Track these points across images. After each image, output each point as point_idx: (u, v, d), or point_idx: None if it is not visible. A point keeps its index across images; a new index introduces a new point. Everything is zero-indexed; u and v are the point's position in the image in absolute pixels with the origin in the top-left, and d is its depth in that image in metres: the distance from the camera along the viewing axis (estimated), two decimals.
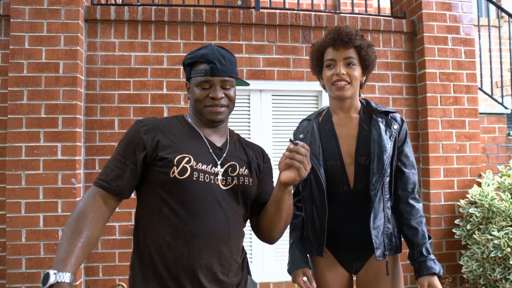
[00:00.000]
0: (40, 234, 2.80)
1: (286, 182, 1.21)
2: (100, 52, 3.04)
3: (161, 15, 3.08)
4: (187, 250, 1.20)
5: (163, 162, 1.22)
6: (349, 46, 1.56)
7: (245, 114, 3.25)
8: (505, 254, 2.62)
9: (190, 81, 1.34)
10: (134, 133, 1.26)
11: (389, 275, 1.59)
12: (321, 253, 1.62)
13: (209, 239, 1.21)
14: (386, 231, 1.60)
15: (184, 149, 1.25)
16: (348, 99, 1.63)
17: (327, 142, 1.66)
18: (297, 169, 1.18)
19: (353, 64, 1.57)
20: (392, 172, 1.63)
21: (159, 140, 1.25)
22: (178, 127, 1.33)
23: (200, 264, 1.20)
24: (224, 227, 1.25)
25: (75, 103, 2.86)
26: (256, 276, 3.17)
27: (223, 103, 1.31)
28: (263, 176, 1.44)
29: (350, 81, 1.57)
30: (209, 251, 1.22)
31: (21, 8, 2.85)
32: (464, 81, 3.31)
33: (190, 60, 1.33)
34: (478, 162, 3.29)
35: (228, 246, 1.26)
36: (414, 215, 1.62)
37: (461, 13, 3.35)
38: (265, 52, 3.21)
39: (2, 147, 2.88)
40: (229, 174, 1.30)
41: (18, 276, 2.76)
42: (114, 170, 1.24)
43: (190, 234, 1.20)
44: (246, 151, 1.42)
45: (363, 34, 1.62)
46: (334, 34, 1.59)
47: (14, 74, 2.83)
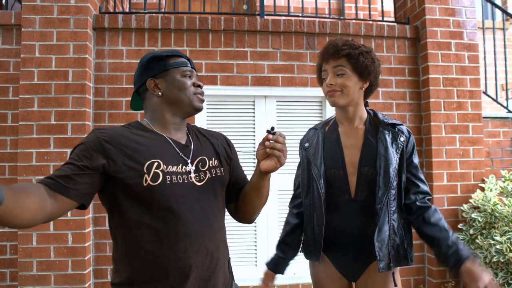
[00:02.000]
0: (50, 238, 2.87)
1: (267, 170, 1.25)
2: (108, 60, 3.11)
3: (167, 23, 3.14)
4: (173, 254, 1.19)
5: (132, 172, 1.18)
6: (337, 57, 1.61)
7: (250, 119, 3.31)
8: (507, 259, 2.64)
9: (167, 74, 1.32)
10: (93, 140, 1.19)
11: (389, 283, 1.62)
12: (318, 259, 1.67)
13: (193, 237, 1.21)
14: (391, 243, 1.60)
15: (151, 154, 1.22)
16: (349, 107, 1.66)
17: (332, 150, 1.69)
18: (277, 157, 1.23)
19: (343, 73, 1.60)
20: (401, 183, 1.64)
21: (123, 149, 1.20)
22: (138, 133, 1.28)
23: (189, 265, 1.20)
24: (206, 223, 1.25)
25: (84, 110, 2.93)
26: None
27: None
28: (233, 162, 1.46)
29: (340, 89, 1.61)
30: (195, 250, 1.21)
31: (31, 18, 2.93)
32: (468, 86, 3.33)
33: (168, 53, 1.34)
34: (482, 167, 3.31)
35: (213, 241, 1.27)
36: (434, 215, 1.61)
37: (464, 18, 3.37)
38: (270, 58, 3.26)
39: (14, 152, 2.97)
40: (201, 169, 1.31)
41: (30, 278, 2.84)
42: (65, 171, 1.13)
43: (174, 237, 1.19)
44: (210, 141, 1.43)
45: (357, 44, 1.64)
46: (323, 50, 1.66)
47: (25, 82, 2.91)
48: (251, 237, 3.30)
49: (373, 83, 1.67)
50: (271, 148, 1.22)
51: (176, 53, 1.34)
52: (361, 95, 1.67)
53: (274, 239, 3.29)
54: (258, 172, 1.29)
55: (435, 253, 1.60)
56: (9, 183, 2.96)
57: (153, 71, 1.32)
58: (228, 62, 3.22)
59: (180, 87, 1.31)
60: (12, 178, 2.97)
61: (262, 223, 3.28)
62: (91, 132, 1.23)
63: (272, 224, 3.29)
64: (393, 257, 1.61)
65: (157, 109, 1.33)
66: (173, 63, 1.32)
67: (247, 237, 3.29)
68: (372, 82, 1.67)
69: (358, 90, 1.64)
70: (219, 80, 3.20)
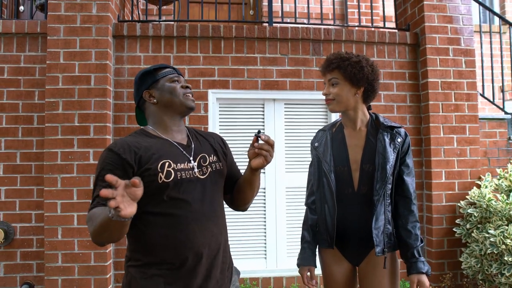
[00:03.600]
0: (74, 232, 3.08)
1: (257, 167, 1.46)
2: (127, 65, 3.33)
3: (182, 30, 3.35)
4: (184, 236, 1.37)
5: (148, 172, 1.35)
6: (330, 69, 1.86)
7: (260, 121, 3.51)
8: (500, 251, 2.83)
9: (157, 83, 1.51)
10: (115, 158, 1.36)
11: (387, 268, 1.83)
12: (332, 246, 1.89)
13: (200, 222, 1.41)
14: (386, 231, 1.85)
15: (161, 156, 1.41)
16: (348, 111, 1.89)
17: (338, 150, 1.92)
18: (264, 157, 1.44)
19: (335, 83, 1.85)
20: (394, 180, 1.87)
21: (140, 156, 1.38)
22: (146, 139, 1.47)
23: (200, 246, 1.39)
24: (210, 209, 1.46)
25: (105, 113, 3.14)
26: (270, 271, 3.44)
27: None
28: (228, 158, 1.69)
29: (333, 98, 1.85)
30: (202, 232, 1.40)
31: (56, 27, 3.14)
32: (465, 89, 3.53)
33: (155, 67, 1.55)
34: (478, 166, 3.51)
35: (216, 225, 1.47)
36: (410, 219, 1.86)
37: (461, 25, 3.57)
38: (278, 64, 3.47)
39: (40, 152, 3.18)
40: (203, 165, 1.50)
41: (55, 269, 3.05)
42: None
43: (185, 222, 1.38)
44: (208, 140, 1.63)
45: (348, 55, 1.85)
46: (321, 65, 1.93)
47: (51, 87, 3.12)
48: (261, 231, 3.50)
49: (368, 88, 1.87)
50: (260, 149, 1.43)
51: (162, 66, 1.57)
52: (358, 100, 1.88)
53: (282, 233, 3.50)
54: (250, 168, 1.51)
55: (401, 250, 1.89)
56: (36, 180, 3.19)
57: (146, 84, 1.53)
58: (239, 67, 3.43)
59: (171, 91, 1.51)
60: (38, 176, 3.18)
61: (271, 218, 3.49)
62: (106, 151, 1.40)
63: (280, 219, 3.50)
64: (387, 244, 1.84)
65: (156, 115, 1.53)
66: (161, 73, 1.53)
67: (257, 232, 3.50)
68: (366, 87, 1.87)
69: (353, 96, 1.85)
70: (230, 84, 3.41)
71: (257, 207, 3.50)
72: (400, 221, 1.88)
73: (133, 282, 1.38)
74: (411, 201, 1.88)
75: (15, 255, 3.18)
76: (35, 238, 3.19)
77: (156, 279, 1.36)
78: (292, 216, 3.51)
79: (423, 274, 1.81)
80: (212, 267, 1.44)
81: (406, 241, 1.85)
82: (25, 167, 3.21)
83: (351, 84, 1.84)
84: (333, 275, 1.93)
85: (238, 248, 3.40)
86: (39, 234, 3.18)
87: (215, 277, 1.45)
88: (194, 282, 1.38)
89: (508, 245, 2.77)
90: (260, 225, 3.50)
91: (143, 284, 1.36)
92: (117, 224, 1.12)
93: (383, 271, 1.84)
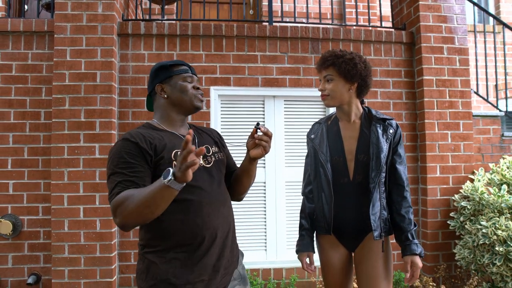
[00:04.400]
0: (80, 224, 3.18)
1: (255, 157, 1.59)
2: (131, 63, 3.43)
3: (185, 29, 3.45)
4: (200, 219, 1.47)
5: (163, 161, 1.45)
6: (325, 66, 1.98)
7: (260, 117, 3.62)
8: (492, 241, 2.94)
9: (171, 80, 1.59)
10: (133, 146, 1.43)
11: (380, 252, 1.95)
12: (329, 232, 2.00)
13: (212, 204, 1.51)
14: (382, 216, 1.97)
15: (172, 146, 1.50)
16: (342, 105, 2.00)
17: (333, 141, 2.03)
18: (264, 147, 1.56)
19: (330, 79, 1.97)
20: (387, 169, 1.99)
21: (155, 145, 1.47)
22: (155, 132, 1.55)
23: (215, 227, 1.50)
24: (219, 192, 1.57)
25: (110, 108, 3.24)
26: (270, 262, 3.54)
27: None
28: (226, 150, 1.81)
29: (328, 93, 1.97)
30: (215, 214, 1.51)
31: (63, 25, 3.24)
32: (459, 87, 3.64)
33: (171, 63, 1.62)
34: (471, 161, 3.62)
35: (226, 207, 1.59)
36: (404, 205, 1.98)
37: (455, 25, 3.68)
38: (278, 62, 3.58)
39: (47, 147, 3.28)
40: (207, 155, 1.61)
41: (62, 260, 3.15)
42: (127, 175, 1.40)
43: (198, 204, 1.47)
44: (208, 134, 1.75)
45: (342, 53, 1.97)
46: (317, 62, 2.05)
47: (58, 83, 3.22)
48: (261, 224, 3.61)
49: (361, 84, 1.99)
50: (259, 140, 1.55)
51: (179, 62, 1.66)
52: (352, 95, 2.00)
53: (282, 226, 3.61)
54: (248, 158, 1.63)
55: (396, 234, 2.01)
56: (43, 174, 3.29)
57: (160, 78, 1.61)
58: (240, 65, 3.54)
59: (182, 90, 1.60)
60: (45, 170, 3.28)
61: (271, 211, 3.59)
62: (122, 141, 1.47)
63: (280, 212, 3.60)
64: (383, 228, 1.96)
65: (164, 109, 1.63)
66: (176, 70, 1.62)
67: (257, 224, 3.60)
68: (360, 83, 1.98)
69: (347, 91, 1.98)
70: (232, 82, 3.52)
71: (258, 201, 3.60)
72: (394, 207, 1.99)
73: (152, 267, 1.46)
74: (403, 188, 1.99)
75: (23, 246, 3.27)
76: (42, 230, 3.29)
77: (174, 262, 1.45)
78: (291, 209, 3.61)
79: (416, 256, 1.92)
80: (224, 247, 1.54)
81: (400, 225, 1.96)
82: (33, 162, 3.30)
83: (345, 80, 1.96)
84: (330, 260, 2.04)
85: (239, 241, 3.45)
86: (46, 227, 3.28)
87: (226, 256, 1.55)
88: (209, 261, 1.48)
89: (499, 236, 2.88)
90: (261, 218, 3.61)
91: (162, 268, 1.44)
92: (170, 194, 1.22)
93: (377, 255, 1.95)
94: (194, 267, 1.46)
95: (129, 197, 1.30)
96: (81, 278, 3.14)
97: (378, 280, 1.94)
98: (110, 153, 1.47)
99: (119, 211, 1.32)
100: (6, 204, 3.27)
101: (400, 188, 1.99)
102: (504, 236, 2.86)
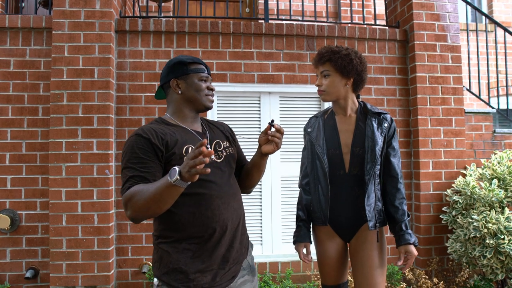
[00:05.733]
0: (78, 218, 3.21)
1: (267, 152, 1.64)
2: (129, 59, 3.46)
3: (182, 26, 3.49)
4: (210, 212, 1.51)
5: (174, 156, 1.49)
6: (322, 62, 2.03)
7: (256, 113, 3.67)
8: (483, 234, 3.01)
9: (188, 77, 1.63)
10: (145, 142, 1.48)
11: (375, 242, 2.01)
12: (326, 223, 2.05)
13: (223, 197, 1.56)
14: (376, 207, 2.02)
15: (184, 142, 1.54)
16: (339, 100, 2.06)
17: (330, 134, 2.09)
18: (276, 144, 1.62)
19: (327, 75, 2.02)
20: (382, 162, 2.04)
21: (167, 141, 1.50)
22: (167, 127, 1.59)
23: (225, 219, 1.54)
24: (229, 186, 1.61)
25: (108, 104, 3.27)
26: (266, 256, 3.59)
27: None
28: (237, 145, 1.87)
29: (324, 89, 2.02)
30: (225, 207, 1.55)
31: (61, 22, 3.27)
32: (451, 84, 3.71)
33: (190, 60, 1.65)
34: (463, 156, 3.69)
35: (236, 200, 1.64)
36: (397, 196, 2.04)
37: (448, 23, 3.75)
38: (274, 58, 3.63)
39: (46, 142, 3.31)
40: (218, 149, 1.66)
41: (60, 254, 3.18)
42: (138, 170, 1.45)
43: (209, 198, 1.52)
44: (219, 129, 1.80)
45: (338, 49, 2.01)
46: (313, 58, 2.10)
47: (56, 79, 3.25)
48: (257, 219, 3.65)
49: (357, 79, 2.04)
50: (272, 136, 1.61)
51: (197, 61, 1.69)
52: (348, 90, 2.06)
53: (277, 221, 3.66)
54: (259, 153, 1.68)
55: (390, 225, 2.08)
56: (40, 169, 3.32)
57: (176, 73, 1.65)
58: (236, 62, 3.58)
59: (197, 89, 1.64)
60: (43, 165, 3.31)
61: (267, 206, 3.64)
62: (134, 136, 1.51)
63: (275, 207, 3.65)
64: (378, 219, 2.02)
65: (177, 105, 1.67)
66: (194, 68, 1.65)
67: (253, 219, 3.65)
68: (355, 78, 2.04)
69: (343, 86, 2.03)
70: (228, 78, 3.56)
71: (254, 196, 3.65)
72: (388, 198, 2.05)
73: (165, 256, 1.52)
74: (397, 180, 2.04)
75: (21, 241, 3.30)
76: (40, 225, 3.32)
77: (186, 252, 1.51)
78: (286, 204, 3.66)
79: (410, 245, 1.98)
80: (234, 238, 1.60)
81: (394, 216, 2.02)
82: (31, 157, 3.33)
83: (341, 75, 2.01)
84: (326, 250, 2.09)
85: None
86: (44, 221, 3.31)
87: (236, 247, 1.61)
88: (218, 252, 1.54)
89: (490, 229, 2.95)
90: (257, 213, 3.66)
91: (174, 257, 1.50)
92: (176, 191, 1.26)
93: (372, 245, 2.01)
94: (205, 257, 1.52)
95: (139, 192, 1.35)
96: (78, 272, 3.18)
97: (373, 269, 1.99)
98: (124, 148, 1.52)
99: (129, 205, 1.38)
100: (4, 199, 3.29)
101: (394, 180, 2.05)
102: (494, 229, 2.93)
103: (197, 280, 1.48)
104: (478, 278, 3.27)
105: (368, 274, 1.99)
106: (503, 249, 2.87)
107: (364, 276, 2.00)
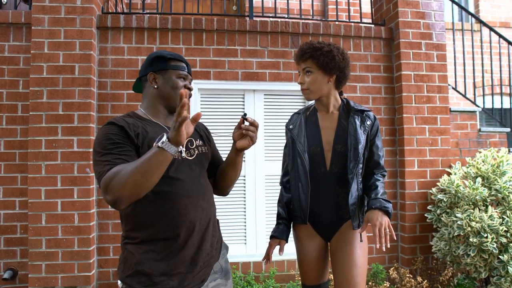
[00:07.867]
0: (58, 218, 3.15)
1: (242, 147, 1.57)
2: (110, 56, 3.41)
3: (165, 22, 3.44)
4: (176, 210, 1.44)
5: (144, 150, 1.41)
6: (303, 59, 1.98)
7: (240, 111, 3.63)
8: (466, 233, 3.00)
9: (166, 72, 1.58)
10: (120, 129, 1.43)
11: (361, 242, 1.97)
12: (305, 222, 2.02)
13: (190, 196, 1.48)
14: (360, 206, 1.99)
15: (155, 137, 1.46)
16: (322, 98, 2.02)
17: (311, 131, 2.05)
18: (251, 137, 1.55)
19: (309, 72, 1.98)
20: (364, 160, 2.01)
21: (138, 133, 1.45)
22: (139, 121, 1.53)
23: (192, 219, 1.48)
24: (199, 185, 1.54)
25: (89, 102, 3.21)
26: (250, 255, 3.55)
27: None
28: (212, 144, 1.81)
29: (307, 87, 1.99)
30: (193, 207, 1.48)
31: (41, 17, 3.21)
32: (436, 82, 3.70)
33: (171, 56, 1.60)
34: (448, 154, 3.68)
35: (206, 200, 1.56)
36: (379, 185, 1.98)
37: (433, 21, 3.74)
38: (258, 56, 3.59)
39: (25, 140, 3.24)
40: (190, 147, 1.59)
41: (39, 255, 3.11)
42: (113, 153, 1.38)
43: (175, 196, 1.45)
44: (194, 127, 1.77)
45: (320, 45, 1.97)
46: (295, 54, 2.05)
47: (35, 76, 3.18)
48: (241, 217, 3.62)
49: (340, 75, 2.00)
50: (246, 130, 1.54)
51: (178, 58, 1.64)
52: (331, 87, 2.02)
53: (261, 219, 3.63)
54: (234, 150, 1.62)
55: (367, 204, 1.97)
56: (20, 168, 3.25)
57: (155, 67, 1.59)
58: (220, 59, 3.54)
59: (173, 86, 1.58)
60: (22, 164, 3.25)
61: (251, 205, 3.61)
62: (108, 125, 1.45)
63: (259, 206, 3.62)
64: (361, 218, 1.98)
65: (151, 100, 1.61)
66: (173, 65, 1.60)
67: (237, 218, 3.61)
68: (338, 75, 2.00)
69: (326, 84, 1.99)
70: (212, 75, 3.52)
71: (237, 194, 3.61)
72: (370, 185, 2.00)
73: (129, 258, 1.46)
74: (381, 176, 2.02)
75: None
76: (19, 224, 3.25)
77: (150, 254, 1.44)
78: (271, 202, 3.63)
79: (374, 210, 1.86)
80: (203, 240, 1.53)
81: (372, 191, 1.95)
82: (9, 155, 3.26)
83: (324, 73, 1.97)
84: (306, 249, 2.05)
85: None
86: (23, 221, 3.24)
87: (206, 249, 1.54)
88: (186, 254, 1.47)
89: (473, 228, 2.94)
90: (240, 212, 3.62)
91: (138, 258, 1.43)
92: (164, 158, 1.23)
93: (352, 245, 1.97)
94: (170, 259, 1.45)
95: (122, 170, 1.28)
96: (58, 272, 3.12)
97: (353, 268, 1.95)
98: (97, 138, 1.45)
99: (111, 186, 1.28)
100: None
101: (377, 173, 2.01)
102: (477, 227, 2.92)
103: (162, 284, 1.42)
104: (462, 277, 3.26)
105: (348, 274, 1.95)
106: (486, 248, 2.86)
107: (344, 276, 1.96)
